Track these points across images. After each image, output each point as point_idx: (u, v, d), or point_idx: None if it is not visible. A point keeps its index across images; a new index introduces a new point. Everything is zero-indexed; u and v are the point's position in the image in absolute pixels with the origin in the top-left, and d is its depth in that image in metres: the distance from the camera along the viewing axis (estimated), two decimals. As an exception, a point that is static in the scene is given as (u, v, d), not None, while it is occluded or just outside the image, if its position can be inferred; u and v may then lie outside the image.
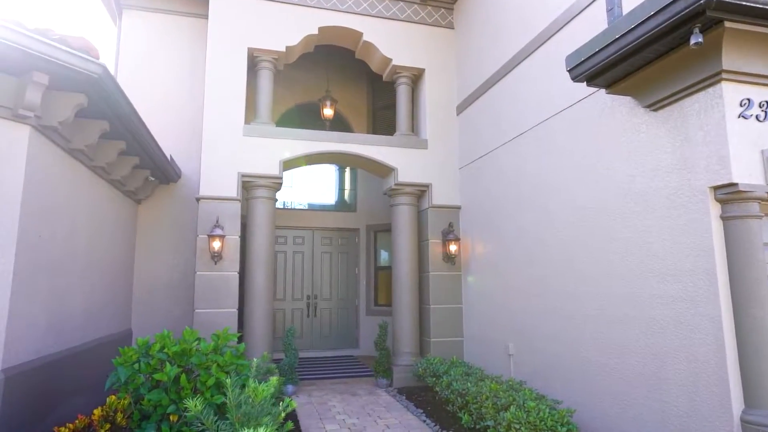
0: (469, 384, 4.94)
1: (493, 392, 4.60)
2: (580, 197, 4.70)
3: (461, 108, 7.47)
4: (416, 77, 7.81)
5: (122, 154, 5.74)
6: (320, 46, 8.47)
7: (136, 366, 3.54)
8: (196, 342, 3.79)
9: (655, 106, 3.79)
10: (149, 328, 7.40)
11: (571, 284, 4.78)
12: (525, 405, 4.15)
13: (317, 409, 5.71)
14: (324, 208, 10.16)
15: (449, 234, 7.15)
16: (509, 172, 6.03)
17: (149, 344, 3.70)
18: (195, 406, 3.12)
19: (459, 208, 7.40)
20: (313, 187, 10.20)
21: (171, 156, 7.04)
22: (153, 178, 7.11)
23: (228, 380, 3.61)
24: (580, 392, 4.57)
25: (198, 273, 6.30)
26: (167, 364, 3.46)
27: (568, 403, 4.61)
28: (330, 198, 10.30)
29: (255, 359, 3.71)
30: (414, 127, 7.97)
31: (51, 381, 4.36)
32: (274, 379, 3.56)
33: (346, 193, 10.44)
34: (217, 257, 6.28)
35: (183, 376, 3.49)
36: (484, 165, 6.69)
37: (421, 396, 6.19)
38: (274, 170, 6.79)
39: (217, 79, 6.76)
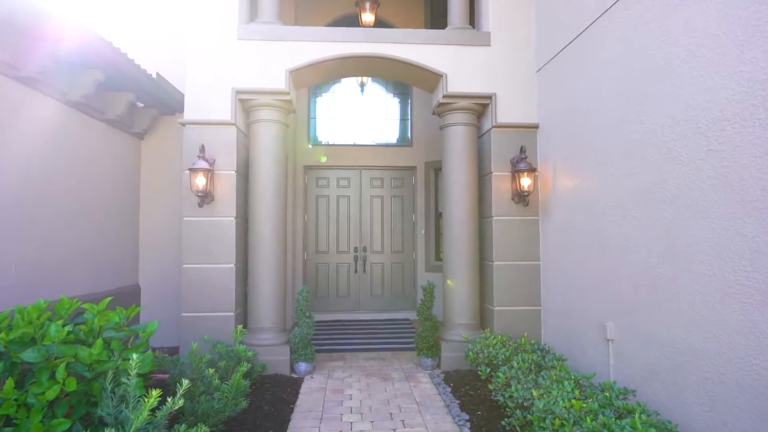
0: (534, 392, 3.06)
1: (574, 413, 2.70)
2: (749, 66, 2.44)
3: (541, -19, 5.15)
4: (476, -54, 5.56)
5: (65, 62, 4.38)
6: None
7: (-49, 361, 2.17)
8: (52, 323, 2.31)
9: None
10: (160, 283, 6.37)
11: (722, 232, 2.62)
12: (633, 454, 2.23)
13: (326, 401, 4.20)
14: (373, 144, 8.38)
15: (520, 163, 5.05)
16: (613, 56, 3.77)
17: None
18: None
19: (536, 127, 5.22)
20: (359, 118, 8.40)
21: (158, 73, 5.64)
22: (141, 104, 5.79)
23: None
24: (744, 421, 2.51)
25: (185, 218, 4.95)
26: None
27: (717, 442, 2.60)
28: (379, 130, 8.45)
29: (135, 355, 2.17)
30: (473, 21, 5.80)
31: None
32: (154, 394, 2.03)
33: (400, 123, 8.52)
34: (204, 198, 4.86)
35: (9, 382, 2.06)
36: (574, 57, 4.44)
37: (472, 389, 4.40)
38: (280, 83, 5.10)
39: (202, -36, 5.12)
